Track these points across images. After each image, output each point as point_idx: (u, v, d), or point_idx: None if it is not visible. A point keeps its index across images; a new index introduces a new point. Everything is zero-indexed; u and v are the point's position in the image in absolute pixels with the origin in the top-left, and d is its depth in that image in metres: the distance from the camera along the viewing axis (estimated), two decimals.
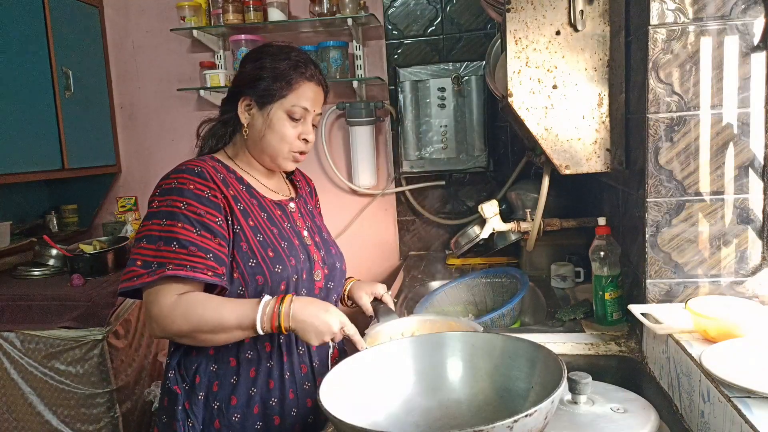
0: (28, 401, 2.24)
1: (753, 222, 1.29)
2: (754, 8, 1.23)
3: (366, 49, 2.75)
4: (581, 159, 1.52)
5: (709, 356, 1.04)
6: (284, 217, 1.35)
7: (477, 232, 2.22)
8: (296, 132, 1.31)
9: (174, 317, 1.14)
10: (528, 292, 1.84)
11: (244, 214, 1.26)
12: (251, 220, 1.27)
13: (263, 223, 1.29)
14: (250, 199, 1.30)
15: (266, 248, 1.26)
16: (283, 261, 1.26)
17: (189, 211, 1.18)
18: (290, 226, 1.34)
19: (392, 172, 2.81)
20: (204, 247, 1.17)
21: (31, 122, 2.48)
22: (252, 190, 1.32)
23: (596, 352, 1.47)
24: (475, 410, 1.01)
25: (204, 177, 1.22)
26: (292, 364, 1.29)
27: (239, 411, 1.25)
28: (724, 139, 1.27)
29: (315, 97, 1.33)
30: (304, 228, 1.38)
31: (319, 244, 1.39)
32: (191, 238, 1.16)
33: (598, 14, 1.47)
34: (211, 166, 1.27)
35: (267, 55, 1.31)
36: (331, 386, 0.96)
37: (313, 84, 1.32)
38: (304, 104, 1.30)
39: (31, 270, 2.55)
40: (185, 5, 2.67)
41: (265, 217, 1.30)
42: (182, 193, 1.19)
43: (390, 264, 2.88)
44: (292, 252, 1.29)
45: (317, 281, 1.34)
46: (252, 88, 1.30)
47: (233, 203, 1.25)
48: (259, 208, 1.31)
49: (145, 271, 1.14)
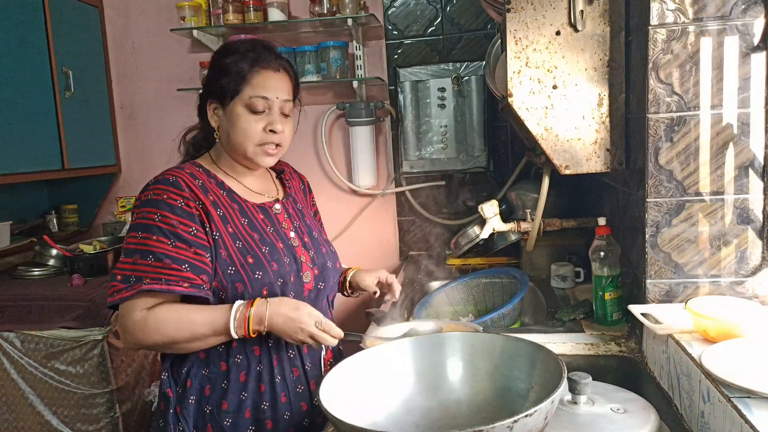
0: (28, 401, 2.24)
1: (753, 222, 1.29)
2: (754, 8, 1.23)
3: (366, 49, 2.75)
4: (581, 159, 1.52)
5: (709, 356, 1.04)
6: (267, 220, 1.32)
7: (477, 232, 2.22)
8: (260, 125, 1.26)
9: (147, 331, 1.15)
10: (528, 292, 1.84)
11: (223, 221, 1.25)
12: (230, 226, 1.25)
13: (243, 229, 1.27)
14: (231, 204, 1.28)
15: (246, 255, 1.24)
16: (263, 266, 1.24)
17: (163, 222, 1.18)
18: (273, 230, 1.31)
19: (392, 172, 2.81)
20: (179, 259, 1.16)
21: (31, 122, 2.48)
22: (233, 195, 1.30)
23: (596, 352, 1.47)
24: (475, 410, 1.01)
25: (178, 186, 1.21)
26: (283, 367, 1.27)
27: (230, 416, 1.24)
28: (724, 139, 1.27)
29: (275, 84, 1.27)
30: (290, 229, 1.35)
31: (307, 245, 1.36)
32: (166, 250, 1.16)
33: (598, 14, 1.47)
34: (189, 174, 1.25)
35: (221, 54, 1.30)
36: (331, 386, 0.96)
37: (269, 72, 1.27)
38: (262, 93, 1.25)
39: (31, 270, 2.55)
40: (185, 5, 2.67)
41: (246, 222, 1.28)
42: (156, 204, 1.19)
43: (390, 264, 2.88)
44: (274, 256, 1.27)
45: (306, 283, 1.32)
46: (212, 90, 1.28)
47: (212, 209, 1.23)
48: (240, 213, 1.28)
49: (124, 286, 1.16)
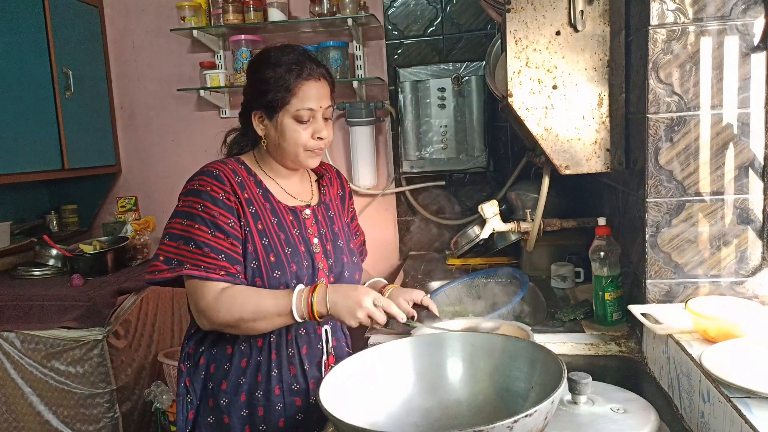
0: (28, 401, 2.24)
1: (753, 222, 1.29)
2: (754, 8, 1.23)
3: (366, 50, 2.75)
4: (581, 159, 1.52)
5: (709, 356, 1.04)
6: (295, 222, 1.38)
7: (477, 232, 2.22)
8: (308, 133, 1.34)
9: (219, 309, 1.25)
10: (528, 292, 1.84)
11: (254, 217, 1.32)
12: (260, 223, 1.33)
13: (272, 228, 1.34)
14: (264, 203, 1.35)
15: (269, 253, 1.31)
16: (282, 266, 1.31)
17: (205, 212, 1.27)
18: (299, 232, 1.37)
19: (392, 172, 2.81)
20: (217, 248, 1.26)
21: (31, 122, 2.48)
22: (268, 194, 1.37)
23: (596, 353, 1.47)
24: (475, 410, 1.01)
25: (221, 180, 1.30)
26: (281, 363, 1.34)
27: (228, 396, 1.34)
28: (724, 139, 1.27)
29: (318, 94, 1.33)
30: (315, 235, 1.40)
31: (329, 252, 1.41)
32: (206, 239, 1.26)
33: (598, 14, 1.47)
34: (231, 169, 1.33)
35: (264, 65, 1.34)
36: (331, 386, 0.96)
37: (312, 81, 1.33)
38: (308, 105, 1.32)
39: (31, 270, 2.55)
40: (185, 5, 2.67)
41: (275, 221, 1.35)
42: (200, 195, 1.28)
43: (390, 264, 2.88)
44: (294, 258, 1.33)
45: None
46: (258, 101, 1.35)
47: (246, 206, 1.32)
48: (271, 212, 1.35)
49: (167, 267, 1.27)
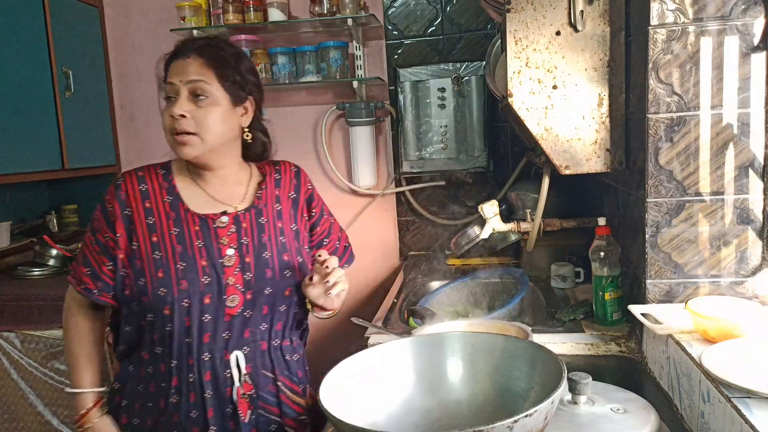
0: (28, 401, 2.24)
1: (753, 222, 1.29)
2: (754, 8, 1.23)
3: (366, 50, 2.75)
4: (581, 159, 1.52)
5: (709, 356, 1.04)
6: (201, 233, 1.25)
7: (477, 232, 2.22)
8: (168, 112, 1.21)
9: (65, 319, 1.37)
10: (528, 292, 1.84)
11: (150, 229, 1.24)
12: (155, 236, 1.23)
13: (168, 240, 1.23)
14: (170, 212, 1.26)
15: (158, 268, 1.21)
16: (169, 284, 1.20)
17: (94, 221, 1.29)
18: (203, 244, 1.24)
19: (392, 172, 2.81)
20: (89, 260, 1.27)
21: (31, 122, 2.48)
22: (178, 203, 1.27)
23: (596, 353, 1.47)
24: (475, 410, 1.01)
25: (117, 190, 1.27)
26: (180, 389, 1.24)
27: (137, 416, 1.28)
28: (724, 139, 1.27)
29: (182, 69, 1.22)
30: (230, 246, 1.25)
31: (247, 266, 1.25)
32: (87, 249, 1.29)
33: (598, 14, 1.47)
34: (140, 177, 1.29)
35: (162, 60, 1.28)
36: (331, 386, 0.96)
37: (179, 60, 1.23)
38: (170, 80, 1.22)
39: (31, 270, 2.55)
40: (185, 5, 2.67)
41: (176, 233, 1.24)
42: (101, 203, 1.29)
43: (390, 264, 2.88)
44: (188, 274, 1.21)
45: (230, 307, 1.23)
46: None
47: (143, 218, 1.24)
48: (174, 222, 1.25)
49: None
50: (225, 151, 1.29)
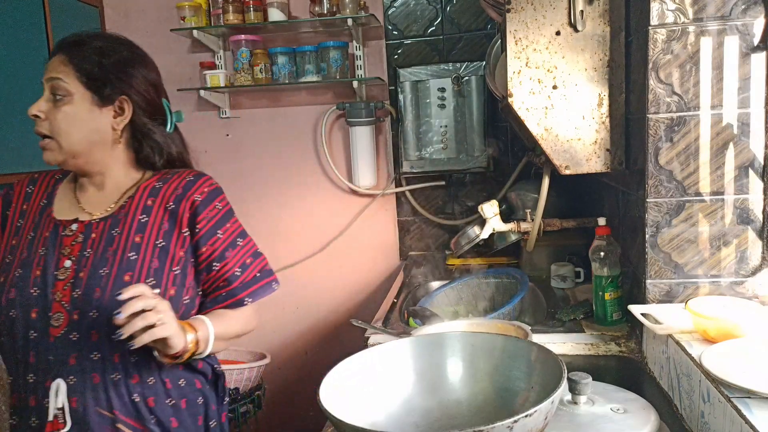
0: None
1: (753, 222, 1.29)
2: (754, 8, 1.23)
3: (366, 50, 2.75)
4: (581, 159, 1.52)
5: (709, 356, 1.04)
6: (48, 240, 1.14)
7: (477, 232, 2.22)
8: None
9: None
10: (528, 292, 1.84)
11: (16, 232, 1.19)
12: (16, 239, 1.18)
13: (22, 245, 1.16)
14: (36, 216, 1.19)
15: (3, 272, 1.14)
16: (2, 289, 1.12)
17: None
18: (45, 252, 1.13)
19: (392, 172, 2.81)
20: None
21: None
22: (48, 208, 1.20)
23: (596, 353, 1.47)
24: (475, 410, 1.01)
25: (9, 190, 1.24)
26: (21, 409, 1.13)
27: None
28: (724, 139, 1.27)
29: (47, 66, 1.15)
30: (69, 257, 1.12)
31: (79, 281, 1.09)
32: None
33: (598, 14, 1.47)
34: (34, 180, 1.26)
35: None
36: (331, 386, 0.96)
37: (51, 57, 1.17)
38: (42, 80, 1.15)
39: None
40: (185, 5, 2.67)
41: (30, 238, 1.16)
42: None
43: (390, 264, 2.88)
44: (20, 282, 1.11)
45: (54, 327, 1.09)
46: None
47: (17, 219, 1.21)
48: (33, 227, 1.17)
49: None
50: (99, 158, 1.17)
